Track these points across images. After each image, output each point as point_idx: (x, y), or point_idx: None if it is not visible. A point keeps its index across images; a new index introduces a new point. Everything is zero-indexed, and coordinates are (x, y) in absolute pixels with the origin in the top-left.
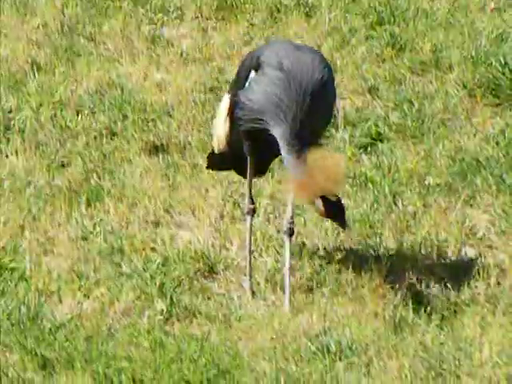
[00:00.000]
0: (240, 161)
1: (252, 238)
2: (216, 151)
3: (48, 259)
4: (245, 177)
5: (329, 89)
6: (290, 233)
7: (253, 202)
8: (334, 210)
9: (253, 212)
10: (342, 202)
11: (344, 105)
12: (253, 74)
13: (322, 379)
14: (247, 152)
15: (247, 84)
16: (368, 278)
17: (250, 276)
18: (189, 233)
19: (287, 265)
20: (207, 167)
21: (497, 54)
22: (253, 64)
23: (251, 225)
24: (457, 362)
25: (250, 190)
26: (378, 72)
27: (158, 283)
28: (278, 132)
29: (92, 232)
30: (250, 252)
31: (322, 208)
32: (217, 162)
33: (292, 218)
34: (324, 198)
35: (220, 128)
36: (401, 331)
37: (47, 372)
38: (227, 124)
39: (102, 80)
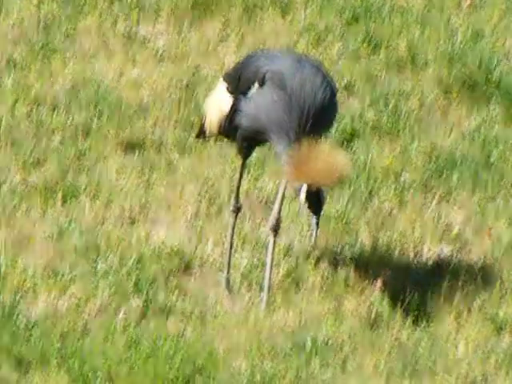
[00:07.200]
0: (232, 135)
1: (234, 236)
2: (207, 134)
3: (23, 256)
4: (233, 141)
5: (330, 107)
6: (276, 229)
7: (238, 202)
8: (312, 200)
9: (238, 211)
10: (324, 197)
11: None
12: (256, 86)
13: (298, 376)
14: (241, 154)
15: (249, 94)
16: (344, 274)
17: (228, 273)
18: (164, 229)
19: (269, 261)
20: (197, 137)
21: (473, 51)
22: (257, 77)
23: (235, 223)
24: (432, 359)
25: (238, 190)
26: (354, 69)
27: (133, 280)
28: (280, 147)
29: (67, 229)
30: (231, 250)
31: (301, 193)
32: (206, 134)
33: (279, 214)
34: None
35: (214, 116)
36: (377, 328)
37: (22, 370)
38: (222, 118)
39: (77, 77)
